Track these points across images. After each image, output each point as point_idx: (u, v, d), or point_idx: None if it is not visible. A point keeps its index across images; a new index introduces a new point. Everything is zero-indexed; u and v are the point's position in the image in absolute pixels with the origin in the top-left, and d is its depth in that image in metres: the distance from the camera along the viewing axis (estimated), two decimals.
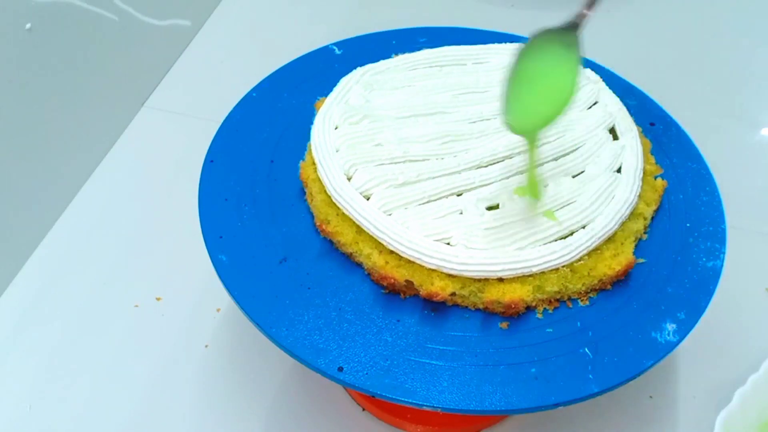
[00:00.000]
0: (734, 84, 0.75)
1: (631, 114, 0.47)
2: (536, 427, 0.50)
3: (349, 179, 0.42)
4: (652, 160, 0.46)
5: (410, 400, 0.36)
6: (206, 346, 0.54)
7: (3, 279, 0.58)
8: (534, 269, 0.39)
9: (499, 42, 0.52)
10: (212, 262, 0.41)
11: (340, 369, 0.37)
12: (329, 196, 0.42)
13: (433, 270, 0.39)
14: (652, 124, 0.49)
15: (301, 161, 0.46)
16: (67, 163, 0.63)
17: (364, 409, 0.51)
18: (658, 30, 0.81)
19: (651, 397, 0.51)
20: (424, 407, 0.36)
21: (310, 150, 0.45)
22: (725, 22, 0.83)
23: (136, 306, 0.56)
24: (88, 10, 0.62)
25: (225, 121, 0.49)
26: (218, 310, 0.56)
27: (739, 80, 0.76)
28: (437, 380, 0.36)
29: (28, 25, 0.56)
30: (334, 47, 0.54)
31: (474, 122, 0.46)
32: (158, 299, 0.57)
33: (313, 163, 0.44)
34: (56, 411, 0.51)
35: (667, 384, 0.52)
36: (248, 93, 0.51)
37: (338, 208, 0.42)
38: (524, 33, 0.55)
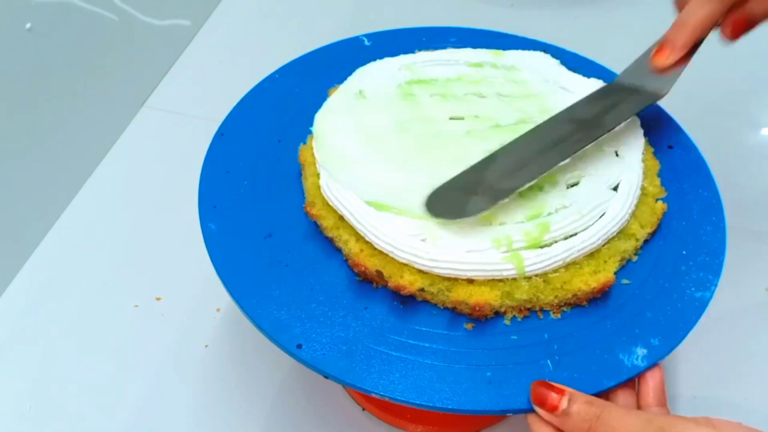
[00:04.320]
0: (735, 84, 0.75)
1: (649, 134, 0.46)
2: None
3: None
4: (657, 182, 0.45)
5: (360, 385, 0.36)
6: (206, 346, 0.54)
7: (3, 279, 0.58)
8: (504, 273, 0.38)
9: (529, 48, 0.52)
10: (201, 229, 0.42)
11: (299, 346, 0.37)
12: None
13: (405, 264, 0.39)
14: (670, 147, 0.48)
15: (302, 144, 0.46)
16: (67, 163, 0.63)
17: (363, 409, 0.51)
18: (659, 30, 0.81)
19: None
20: (372, 394, 0.36)
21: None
22: None
23: (136, 306, 0.56)
24: (88, 9, 0.63)
25: (243, 98, 0.50)
26: (218, 310, 0.56)
27: (739, 80, 0.76)
28: (391, 369, 0.36)
29: (28, 25, 0.56)
30: (364, 38, 0.54)
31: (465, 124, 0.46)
32: (158, 299, 0.57)
33: (312, 147, 0.45)
34: (56, 411, 0.51)
35: (667, 384, 0.52)
36: (271, 74, 0.51)
37: None
38: (524, 33, 0.55)
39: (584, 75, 0.50)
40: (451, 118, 0.46)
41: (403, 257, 0.39)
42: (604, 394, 0.36)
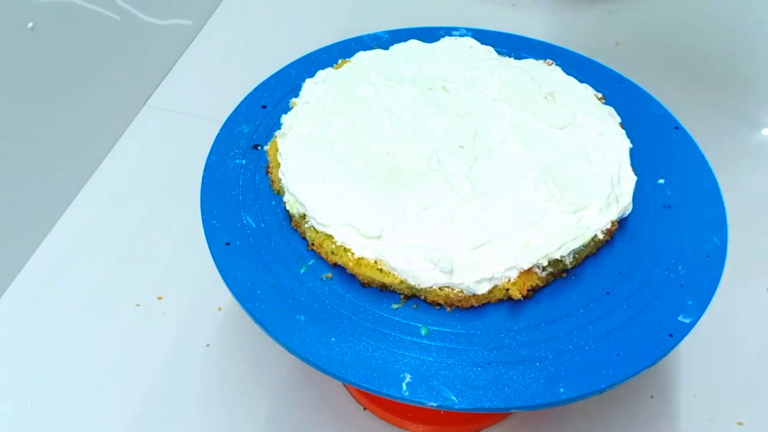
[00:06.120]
0: (735, 84, 0.76)
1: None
2: (536, 426, 0.50)
3: None
4: None
5: (271, 332, 0.37)
6: (207, 346, 0.54)
7: (5, 278, 0.58)
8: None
9: (534, 49, 0.52)
10: (202, 218, 0.43)
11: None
12: None
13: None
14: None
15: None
16: (68, 162, 0.63)
17: (365, 408, 0.51)
18: (659, 29, 0.81)
19: (652, 396, 0.51)
20: (286, 349, 0.37)
21: None
22: (727, 21, 0.83)
23: (138, 305, 0.56)
24: (90, 9, 0.63)
25: (253, 90, 0.50)
26: (220, 309, 0.56)
27: (740, 80, 0.76)
28: (321, 331, 0.38)
29: (30, 24, 0.56)
30: (384, 35, 0.54)
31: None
32: (160, 298, 0.57)
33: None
34: (57, 410, 0.51)
35: (667, 384, 0.52)
36: (285, 67, 0.52)
37: None
38: (526, 33, 0.55)
39: (584, 74, 0.50)
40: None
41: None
42: None
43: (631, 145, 0.45)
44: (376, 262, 0.39)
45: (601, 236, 0.41)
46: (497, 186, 0.42)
